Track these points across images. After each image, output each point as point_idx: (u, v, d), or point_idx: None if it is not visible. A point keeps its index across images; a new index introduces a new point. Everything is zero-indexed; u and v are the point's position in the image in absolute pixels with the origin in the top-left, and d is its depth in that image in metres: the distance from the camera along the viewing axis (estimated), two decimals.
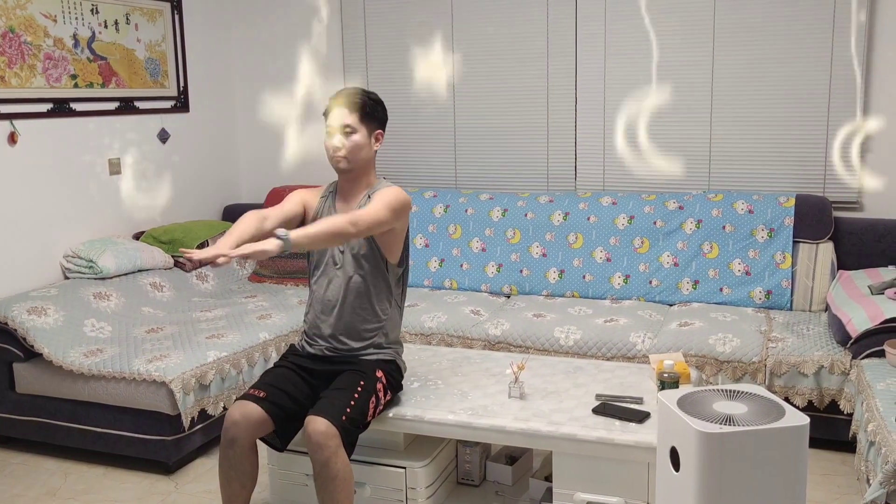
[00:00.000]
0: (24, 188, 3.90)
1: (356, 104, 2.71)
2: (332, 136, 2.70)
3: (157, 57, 4.66)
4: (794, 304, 3.94)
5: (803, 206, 4.01)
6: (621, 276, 4.19)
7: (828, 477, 3.21)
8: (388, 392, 2.75)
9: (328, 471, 2.44)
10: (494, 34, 4.65)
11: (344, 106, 2.70)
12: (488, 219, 4.50)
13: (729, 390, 2.19)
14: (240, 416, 2.57)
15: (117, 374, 3.30)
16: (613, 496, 2.52)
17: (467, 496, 2.99)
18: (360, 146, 2.71)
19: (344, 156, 2.70)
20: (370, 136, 2.74)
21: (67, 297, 3.74)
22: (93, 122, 4.25)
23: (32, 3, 3.88)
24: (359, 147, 2.70)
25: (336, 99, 2.74)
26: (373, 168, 2.82)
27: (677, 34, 4.29)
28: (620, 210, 4.27)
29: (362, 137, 2.71)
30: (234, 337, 3.64)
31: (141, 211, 4.59)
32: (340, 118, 2.69)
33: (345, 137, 2.69)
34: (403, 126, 4.86)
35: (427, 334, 3.89)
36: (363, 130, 2.71)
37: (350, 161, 2.71)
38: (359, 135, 2.70)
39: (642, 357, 3.50)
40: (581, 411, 2.70)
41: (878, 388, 2.83)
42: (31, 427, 3.56)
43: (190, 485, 3.31)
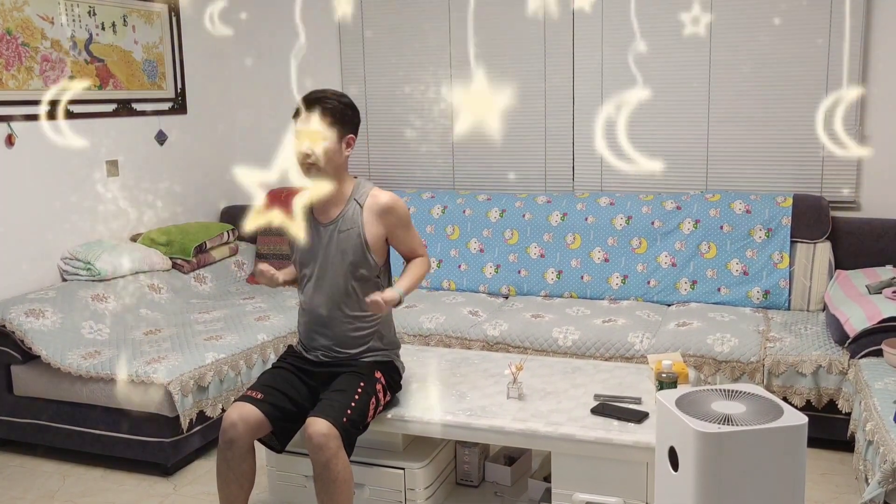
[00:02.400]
0: (22, 190, 3.90)
1: (327, 108, 2.60)
2: (300, 141, 2.60)
3: (155, 59, 4.66)
4: (791, 303, 3.95)
5: (801, 205, 4.02)
6: (619, 277, 4.20)
7: (826, 476, 3.21)
8: (387, 393, 2.74)
9: (329, 472, 2.44)
10: (493, 33, 4.65)
11: (314, 110, 2.59)
12: (486, 219, 4.50)
13: (727, 390, 2.19)
14: (238, 417, 2.56)
15: (115, 376, 3.29)
16: (612, 496, 2.52)
17: (466, 497, 2.99)
18: (330, 151, 2.61)
19: (313, 162, 2.60)
20: (341, 141, 2.64)
21: (65, 300, 3.74)
22: (91, 124, 4.25)
23: (30, 4, 3.88)
24: (328, 153, 2.61)
25: (305, 102, 2.62)
26: (345, 172, 2.73)
27: (674, 35, 4.29)
28: (618, 210, 4.27)
29: (332, 143, 2.61)
30: (233, 338, 3.64)
31: (139, 213, 4.58)
32: (310, 122, 2.59)
33: (314, 143, 2.59)
34: (402, 127, 4.86)
35: (425, 335, 3.89)
36: (333, 135, 2.61)
37: (320, 167, 2.62)
38: (329, 140, 2.60)
39: (640, 357, 3.51)
40: (579, 412, 2.70)
41: (876, 387, 2.83)
42: (29, 429, 3.55)
43: (188, 487, 3.30)
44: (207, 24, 4.86)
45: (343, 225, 2.70)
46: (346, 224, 2.69)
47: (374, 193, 2.73)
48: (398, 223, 2.73)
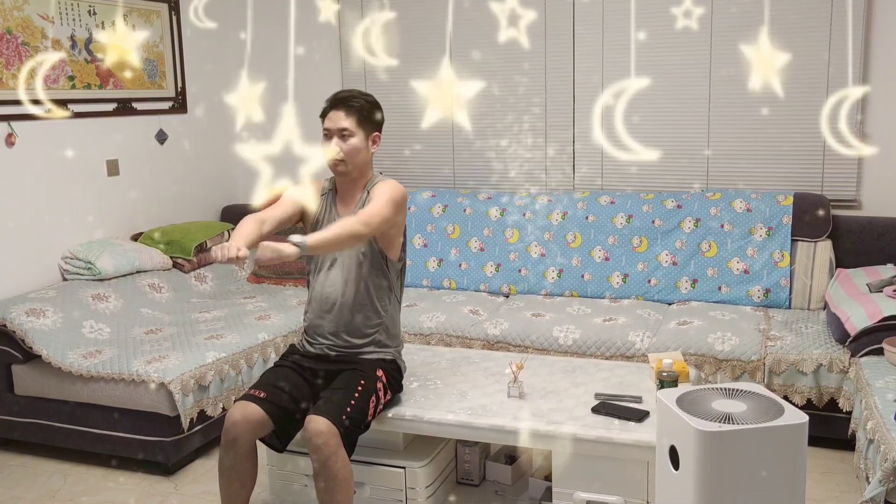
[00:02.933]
0: (22, 190, 3.90)
1: (353, 107, 2.68)
2: (329, 140, 2.68)
3: (155, 58, 4.66)
4: (792, 302, 3.94)
5: (801, 204, 4.02)
6: (620, 276, 4.20)
7: (827, 475, 3.21)
8: (388, 392, 2.74)
9: (328, 471, 2.44)
10: (493, 32, 4.65)
11: (341, 109, 2.67)
12: (487, 218, 4.50)
13: (728, 389, 2.19)
14: (240, 416, 2.56)
15: (116, 375, 3.30)
16: (613, 495, 2.52)
17: (467, 496, 2.99)
18: (357, 150, 2.69)
19: (342, 159, 2.68)
20: (367, 139, 2.72)
21: (66, 299, 3.74)
22: (91, 124, 4.25)
23: (30, 4, 3.88)
24: (356, 151, 2.69)
25: (332, 102, 2.71)
26: (370, 169, 2.82)
27: (675, 32, 4.29)
28: (619, 209, 4.27)
29: (360, 141, 2.69)
30: (233, 338, 3.64)
31: (139, 212, 4.58)
32: (337, 121, 2.67)
33: (342, 141, 2.67)
34: (402, 126, 4.86)
35: (426, 334, 3.89)
36: (360, 134, 2.69)
37: (348, 165, 2.70)
38: (356, 138, 2.68)
39: (641, 356, 3.51)
40: (580, 410, 2.70)
41: (876, 385, 2.83)
42: (31, 429, 3.55)
43: (189, 486, 3.30)
44: (192, 17, 4.84)
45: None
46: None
47: (379, 179, 2.79)
48: (378, 192, 2.69)
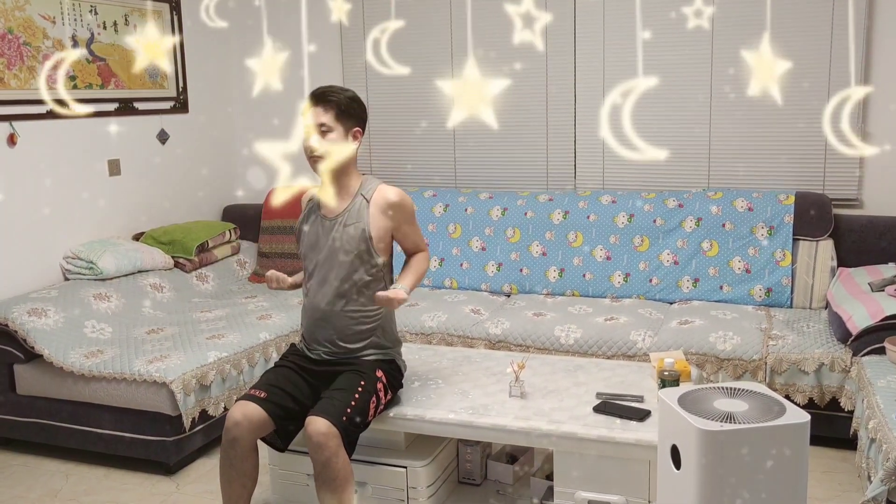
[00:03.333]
0: (24, 190, 3.90)
1: (331, 102, 2.66)
2: (307, 135, 2.65)
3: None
4: (794, 301, 3.94)
5: (803, 203, 4.01)
6: (621, 275, 4.19)
7: (829, 474, 3.21)
8: (388, 392, 2.74)
9: (329, 471, 2.44)
10: (494, 32, 4.64)
11: (319, 105, 2.65)
12: (488, 218, 4.50)
13: (729, 388, 2.18)
14: (241, 416, 2.56)
15: (118, 375, 3.30)
16: (614, 494, 2.52)
17: (468, 495, 2.99)
18: (336, 145, 2.66)
19: (319, 155, 2.64)
20: (347, 135, 2.69)
21: (67, 299, 3.74)
22: (92, 124, 4.25)
23: (31, 4, 3.88)
24: (335, 146, 2.66)
25: (311, 97, 2.68)
26: (353, 166, 2.79)
27: (676, 31, 4.29)
28: (620, 208, 4.27)
29: (338, 136, 2.67)
30: (235, 337, 3.64)
31: (140, 212, 4.59)
32: (315, 117, 2.65)
33: (321, 137, 2.65)
34: (403, 125, 4.87)
35: (427, 334, 3.89)
36: (340, 129, 2.67)
37: (327, 161, 2.65)
38: (335, 133, 2.66)
39: (643, 355, 3.50)
40: (582, 410, 2.70)
41: (878, 385, 2.83)
42: (32, 428, 3.56)
43: (191, 485, 3.31)
44: (204, 16, 4.85)
45: (349, 219, 2.71)
46: (352, 218, 2.71)
47: (381, 189, 2.76)
48: (405, 219, 2.76)
